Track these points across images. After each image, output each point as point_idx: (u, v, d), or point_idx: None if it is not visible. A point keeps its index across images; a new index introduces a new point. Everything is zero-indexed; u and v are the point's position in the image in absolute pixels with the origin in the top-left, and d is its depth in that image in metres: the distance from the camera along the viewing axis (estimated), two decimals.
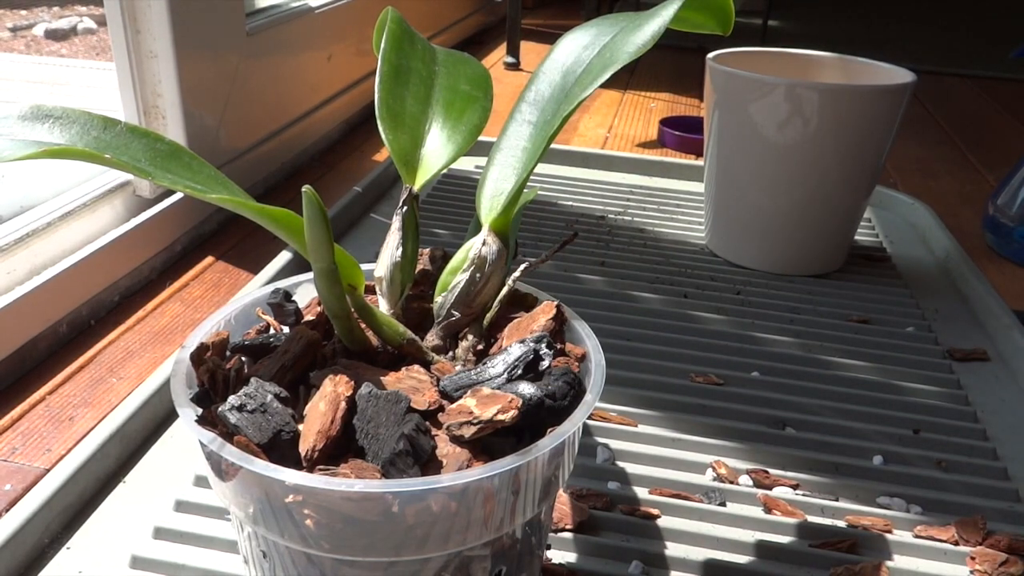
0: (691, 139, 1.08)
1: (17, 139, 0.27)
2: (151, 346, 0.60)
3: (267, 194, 0.90)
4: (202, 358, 0.31)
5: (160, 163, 0.29)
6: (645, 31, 0.29)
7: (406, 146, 0.35)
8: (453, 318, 0.33)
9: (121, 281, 0.66)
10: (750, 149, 0.68)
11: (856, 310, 0.65)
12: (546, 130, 0.32)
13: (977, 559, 0.41)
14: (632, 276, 0.69)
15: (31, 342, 0.56)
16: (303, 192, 0.26)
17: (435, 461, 0.27)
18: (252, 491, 0.27)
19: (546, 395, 0.29)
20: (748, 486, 0.46)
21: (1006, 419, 0.53)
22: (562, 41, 0.34)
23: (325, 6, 1.01)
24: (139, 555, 0.39)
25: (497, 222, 0.33)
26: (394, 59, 0.36)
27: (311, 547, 0.27)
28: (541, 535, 0.34)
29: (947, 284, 0.71)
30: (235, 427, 0.27)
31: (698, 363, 0.57)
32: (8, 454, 0.48)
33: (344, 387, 0.28)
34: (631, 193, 0.87)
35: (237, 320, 0.35)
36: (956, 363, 0.59)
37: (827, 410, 0.52)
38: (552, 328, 0.33)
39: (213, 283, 0.70)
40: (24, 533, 0.39)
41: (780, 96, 0.64)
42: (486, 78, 0.38)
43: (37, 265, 0.61)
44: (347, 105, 1.09)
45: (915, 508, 0.45)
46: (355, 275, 0.31)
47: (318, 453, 0.27)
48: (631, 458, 0.47)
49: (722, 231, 0.73)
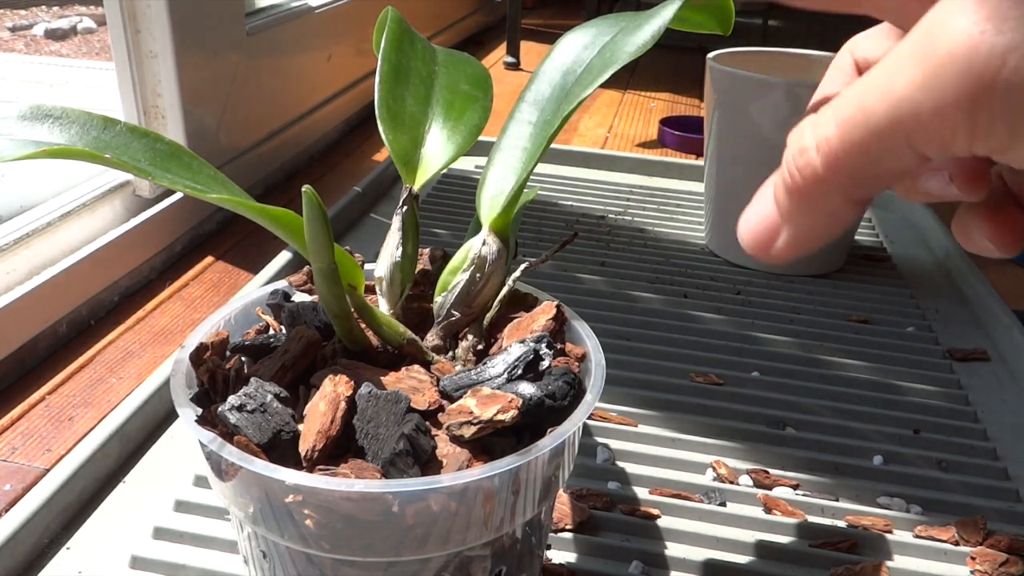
0: (691, 139, 1.08)
1: (17, 139, 0.27)
2: (151, 346, 0.60)
3: (267, 194, 0.90)
4: (202, 358, 0.31)
5: (160, 163, 0.29)
6: (645, 31, 0.29)
7: (406, 146, 0.35)
8: (453, 318, 0.33)
9: (121, 281, 0.66)
10: (750, 149, 0.68)
11: (856, 310, 0.65)
12: (546, 130, 0.32)
13: (977, 559, 0.41)
14: (632, 276, 0.69)
15: (31, 342, 0.56)
16: (303, 192, 0.26)
17: (435, 461, 0.27)
18: (252, 491, 0.27)
19: (546, 395, 0.29)
20: (748, 486, 0.46)
21: (1006, 419, 0.53)
22: (562, 41, 0.34)
23: (325, 6, 1.01)
24: (139, 555, 0.39)
25: (497, 222, 0.33)
26: (394, 59, 0.36)
27: (311, 547, 0.27)
28: (541, 535, 0.34)
29: (947, 284, 0.71)
30: (235, 427, 0.27)
31: (698, 363, 0.57)
32: (8, 454, 0.48)
33: (344, 387, 0.28)
34: (631, 193, 0.87)
35: (237, 320, 0.35)
36: (956, 363, 0.59)
37: (827, 410, 0.52)
38: (552, 328, 0.33)
39: (213, 283, 0.70)
40: (24, 533, 0.39)
41: (780, 96, 0.64)
42: (486, 78, 0.38)
43: (37, 265, 0.61)
44: (347, 105, 1.09)
45: (915, 508, 0.45)
46: (355, 275, 0.31)
47: (318, 453, 0.27)
48: (631, 458, 0.47)
49: (722, 231, 0.73)
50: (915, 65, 0.18)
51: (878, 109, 0.18)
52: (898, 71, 0.18)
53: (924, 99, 0.17)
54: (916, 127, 0.18)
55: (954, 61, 0.17)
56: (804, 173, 0.20)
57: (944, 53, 0.17)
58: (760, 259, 0.23)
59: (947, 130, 0.17)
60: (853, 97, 0.19)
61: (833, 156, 0.19)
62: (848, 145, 0.19)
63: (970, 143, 0.18)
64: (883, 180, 0.19)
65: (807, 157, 0.20)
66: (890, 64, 0.18)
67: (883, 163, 0.19)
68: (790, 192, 0.21)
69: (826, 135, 0.19)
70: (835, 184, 0.20)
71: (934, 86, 0.17)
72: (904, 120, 0.18)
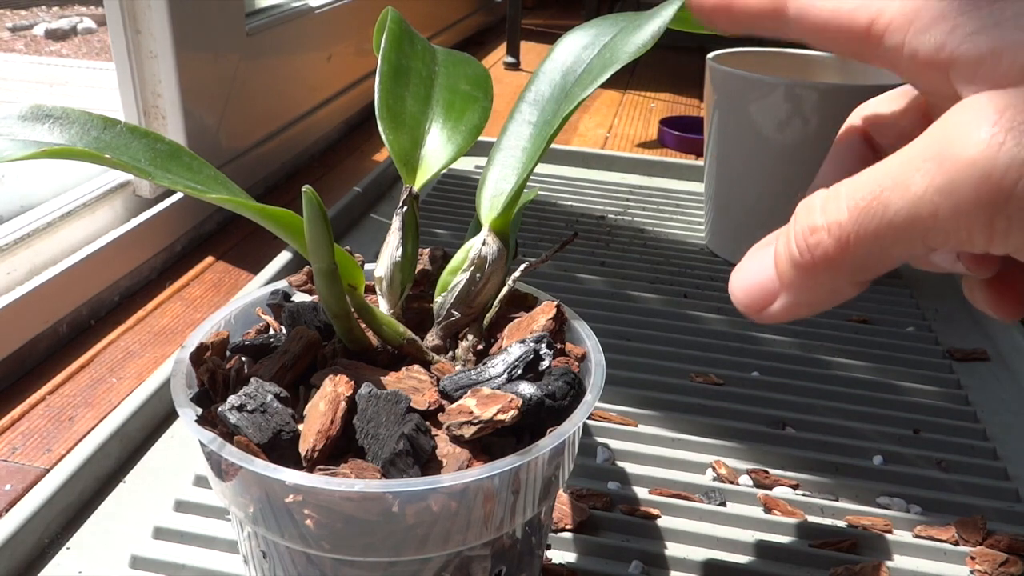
0: (691, 139, 1.08)
1: (17, 139, 0.27)
2: (151, 346, 0.60)
3: (267, 194, 0.90)
4: (202, 358, 0.31)
5: (160, 163, 0.29)
6: (645, 31, 0.29)
7: (406, 146, 0.35)
8: (453, 318, 0.33)
9: (121, 281, 0.66)
10: (750, 149, 0.68)
11: (856, 310, 0.65)
12: (546, 130, 0.32)
13: (977, 559, 0.41)
14: (632, 276, 0.69)
15: (31, 342, 0.56)
16: (303, 192, 0.26)
17: (435, 461, 0.27)
18: (252, 491, 0.27)
19: (546, 395, 0.29)
20: (748, 486, 0.46)
21: (1006, 419, 0.53)
22: (562, 41, 0.34)
23: (325, 6, 1.01)
24: (139, 555, 0.39)
25: (497, 222, 0.33)
26: (394, 59, 0.36)
27: (311, 547, 0.27)
28: (541, 535, 0.34)
29: (947, 284, 0.71)
30: (235, 427, 0.27)
31: (698, 363, 0.57)
32: (8, 454, 0.48)
33: (344, 387, 0.28)
34: (631, 193, 0.87)
35: (237, 320, 0.35)
36: (956, 363, 0.59)
37: (827, 410, 0.52)
38: (552, 328, 0.33)
39: (213, 283, 0.70)
40: (24, 533, 0.39)
41: (780, 96, 0.64)
42: (486, 78, 0.38)
43: (37, 265, 0.61)
44: (347, 105, 1.09)
45: (915, 508, 0.45)
46: (355, 275, 0.31)
47: (318, 453, 0.27)
48: (631, 458, 0.47)
49: (722, 231, 0.73)
50: (935, 166, 0.18)
51: (895, 204, 0.19)
52: (917, 168, 0.18)
53: (943, 202, 0.18)
54: (933, 227, 0.18)
55: (974, 168, 0.17)
56: (814, 252, 0.20)
57: (965, 160, 0.18)
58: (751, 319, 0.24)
59: (964, 232, 0.18)
60: (869, 184, 0.19)
61: (845, 241, 0.20)
62: (863, 233, 0.19)
63: (987, 245, 0.18)
64: (891, 265, 0.20)
65: (818, 237, 0.20)
66: (909, 158, 0.19)
67: (894, 252, 0.19)
68: (796, 266, 0.21)
69: (839, 219, 0.20)
70: (845, 266, 0.20)
71: (953, 191, 0.18)
72: (923, 219, 0.18)
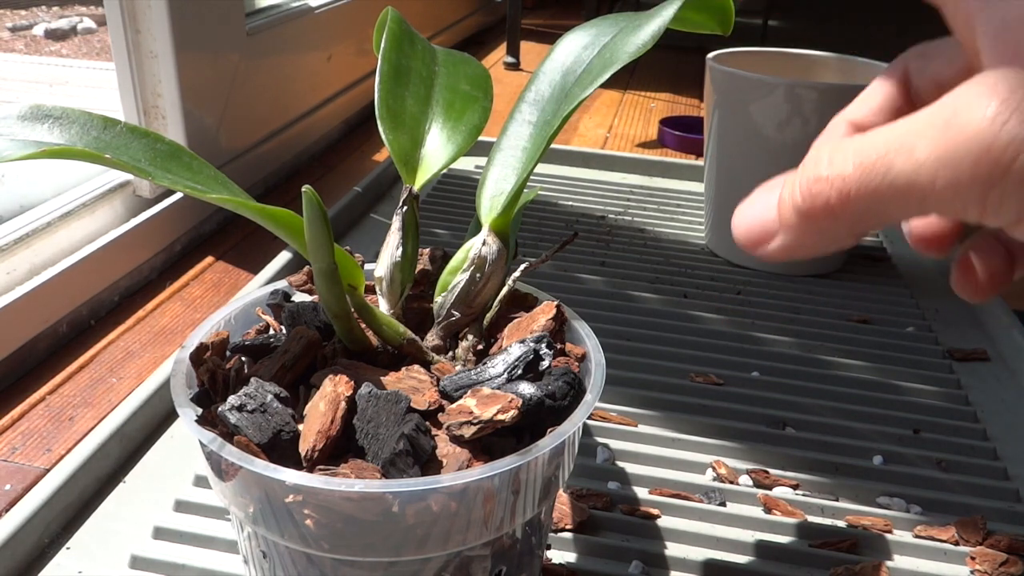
0: (691, 139, 1.08)
1: (17, 139, 0.27)
2: (151, 346, 0.60)
3: (267, 194, 0.90)
4: (202, 358, 0.31)
5: (160, 163, 0.29)
6: (645, 31, 0.29)
7: (406, 146, 0.35)
8: (453, 318, 0.33)
9: (121, 281, 0.66)
10: (750, 149, 0.68)
11: (856, 310, 0.65)
12: (546, 130, 0.32)
13: (977, 559, 0.41)
14: (632, 276, 0.69)
15: (31, 342, 0.56)
16: (303, 192, 0.26)
17: (435, 461, 0.27)
18: (252, 491, 0.27)
19: (546, 395, 0.29)
20: (748, 486, 0.46)
21: (1006, 419, 0.53)
22: (562, 41, 0.34)
23: (325, 6, 1.01)
24: (139, 555, 0.39)
25: (497, 222, 0.33)
26: (394, 59, 0.36)
27: (311, 547, 0.27)
28: (541, 535, 0.34)
29: (947, 284, 0.71)
30: (235, 427, 0.27)
31: (698, 363, 0.57)
32: (8, 454, 0.48)
33: (344, 387, 0.28)
34: (631, 193, 0.87)
35: (237, 320, 0.35)
36: (956, 363, 0.59)
37: (827, 410, 0.52)
38: (552, 328, 0.33)
39: (213, 283, 0.70)
40: (24, 533, 0.39)
41: (780, 96, 0.64)
42: (486, 78, 0.38)
43: (37, 265, 0.61)
44: (347, 105, 1.09)
45: (915, 508, 0.45)
46: (355, 275, 0.31)
47: (318, 453, 0.27)
48: (631, 458, 0.47)
49: (722, 231, 0.73)
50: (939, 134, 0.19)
51: (898, 166, 0.20)
52: (923, 136, 0.20)
53: (942, 170, 0.19)
54: (931, 193, 0.20)
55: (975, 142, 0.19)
56: (816, 200, 0.22)
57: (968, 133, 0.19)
58: (748, 253, 0.25)
59: (959, 202, 0.19)
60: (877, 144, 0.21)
61: (846, 194, 0.21)
62: (863, 190, 0.21)
63: (980, 216, 0.20)
64: (886, 222, 0.21)
65: (821, 187, 0.21)
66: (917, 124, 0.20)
67: (891, 211, 0.21)
68: (798, 211, 0.22)
69: (843, 173, 0.21)
70: (843, 217, 0.21)
71: (953, 162, 0.19)
72: (922, 185, 0.20)
